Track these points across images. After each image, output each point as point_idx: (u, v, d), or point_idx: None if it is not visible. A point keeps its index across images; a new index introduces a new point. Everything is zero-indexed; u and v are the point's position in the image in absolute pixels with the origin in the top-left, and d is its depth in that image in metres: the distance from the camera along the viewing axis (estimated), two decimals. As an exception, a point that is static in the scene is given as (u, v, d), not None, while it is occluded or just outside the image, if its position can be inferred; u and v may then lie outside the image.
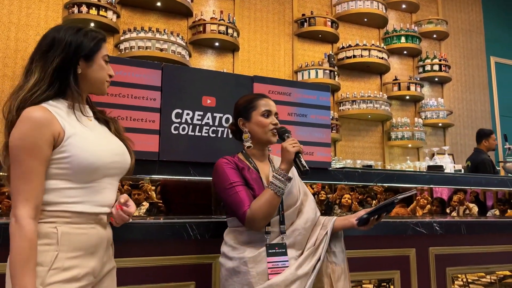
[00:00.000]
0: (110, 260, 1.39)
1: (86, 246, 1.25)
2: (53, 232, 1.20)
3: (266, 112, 1.71)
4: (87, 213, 1.26)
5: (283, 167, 1.54)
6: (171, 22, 5.72)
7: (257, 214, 1.53)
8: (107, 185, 1.32)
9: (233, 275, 1.59)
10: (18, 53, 4.84)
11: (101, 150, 1.29)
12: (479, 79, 8.21)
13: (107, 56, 1.37)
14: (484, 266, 2.60)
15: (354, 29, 7.07)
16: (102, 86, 1.38)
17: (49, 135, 1.20)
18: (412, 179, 2.99)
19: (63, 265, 1.20)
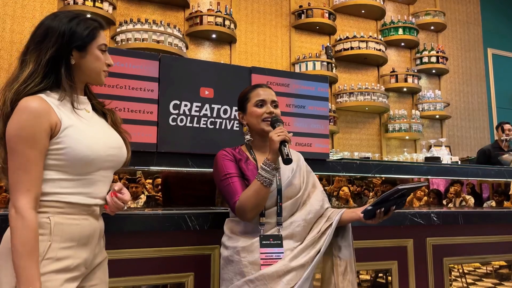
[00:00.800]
0: (102, 251, 1.39)
1: (79, 237, 1.25)
2: (46, 223, 1.20)
3: (259, 102, 1.70)
4: (80, 204, 1.26)
5: (269, 157, 1.52)
6: (168, 14, 5.68)
7: (246, 205, 1.53)
8: (101, 178, 1.32)
9: (228, 264, 1.61)
10: (14, 45, 4.80)
11: (97, 143, 1.27)
12: (476, 71, 8.22)
13: (103, 45, 1.34)
14: (480, 256, 2.62)
15: (352, 21, 7.04)
16: (98, 77, 1.35)
17: (47, 125, 1.19)
18: (410, 170, 3.00)
19: (56, 255, 1.20)
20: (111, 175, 1.38)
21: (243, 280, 1.54)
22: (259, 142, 1.74)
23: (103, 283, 1.37)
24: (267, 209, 1.61)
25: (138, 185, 2.46)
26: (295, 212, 1.67)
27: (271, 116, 1.67)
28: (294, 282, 1.52)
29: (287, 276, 1.52)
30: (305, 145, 2.41)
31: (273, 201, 1.62)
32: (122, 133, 1.43)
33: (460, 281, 2.85)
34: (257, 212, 1.57)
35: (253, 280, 1.52)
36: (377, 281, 2.49)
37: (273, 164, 1.52)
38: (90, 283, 1.32)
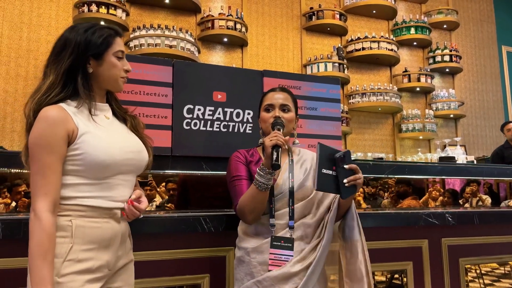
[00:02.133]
0: (127, 254, 1.41)
1: (100, 239, 1.28)
2: (68, 225, 1.24)
3: (267, 106, 1.73)
4: (100, 208, 1.29)
5: (264, 162, 1.52)
6: (180, 19, 5.75)
7: (243, 208, 1.57)
8: (121, 182, 1.34)
9: (239, 264, 1.63)
10: (31, 53, 4.91)
11: (113, 148, 1.30)
12: (490, 69, 8.11)
13: (120, 52, 1.37)
14: (497, 257, 2.59)
15: (363, 21, 7.02)
16: (116, 83, 1.39)
17: (64, 132, 1.24)
18: (424, 171, 2.98)
19: (77, 257, 1.23)
20: (132, 178, 1.41)
21: (252, 281, 1.56)
22: None
23: (128, 285, 1.40)
24: (277, 210, 1.61)
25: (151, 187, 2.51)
26: (307, 214, 1.66)
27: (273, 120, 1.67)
28: (300, 280, 1.53)
29: (294, 277, 1.53)
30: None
31: (284, 202, 1.62)
32: (143, 138, 1.46)
33: (477, 282, 2.81)
34: (255, 215, 1.58)
35: (261, 281, 1.54)
36: (393, 283, 2.48)
37: (267, 169, 1.51)
38: (114, 285, 1.35)
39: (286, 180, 1.64)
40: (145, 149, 1.44)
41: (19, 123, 4.77)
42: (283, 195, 1.62)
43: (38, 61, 4.92)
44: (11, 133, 4.73)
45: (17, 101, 4.78)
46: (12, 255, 1.58)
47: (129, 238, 1.46)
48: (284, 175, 1.66)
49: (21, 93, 4.80)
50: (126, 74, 1.41)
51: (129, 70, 1.41)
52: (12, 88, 4.78)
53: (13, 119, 4.75)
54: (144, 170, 1.45)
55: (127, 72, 1.41)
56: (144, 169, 1.44)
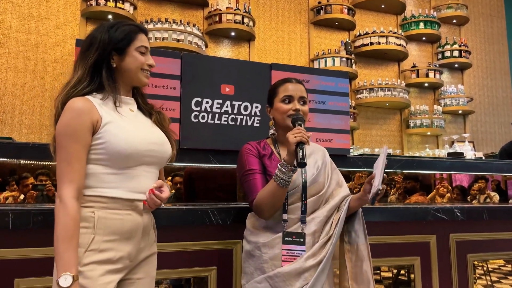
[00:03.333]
0: (150, 246, 1.43)
1: (121, 231, 1.30)
2: (91, 217, 1.27)
3: (285, 97, 1.67)
4: (121, 199, 1.31)
5: (286, 158, 1.49)
6: (187, 13, 5.74)
7: (262, 204, 1.54)
8: (143, 173, 1.37)
9: (249, 258, 1.62)
10: (39, 46, 4.93)
11: (135, 138, 1.33)
12: (500, 65, 8.02)
13: (143, 47, 1.41)
14: (506, 253, 2.57)
15: (371, 16, 6.97)
16: (137, 77, 1.42)
17: (89, 122, 1.29)
18: (432, 166, 2.96)
19: (99, 247, 1.26)
20: (155, 171, 1.43)
21: (262, 276, 1.56)
22: (283, 138, 1.70)
23: (149, 277, 1.42)
24: (290, 205, 1.61)
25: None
26: (317, 208, 1.66)
27: (293, 114, 1.64)
28: (311, 277, 1.53)
29: (305, 273, 1.53)
30: (325, 140, 2.41)
31: (297, 197, 1.61)
32: (168, 132, 1.49)
33: (484, 278, 2.80)
34: (274, 211, 1.57)
35: (272, 276, 1.54)
36: (399, 278, 2.47)
37: (290, 166, 1.49)
38: (136, 276, 1.37)
39: (299, 175, 1.63)
40: (168, 142, 1.47)
41: (28, 116, 4.80)
42: (296, 190, 1.61)
43: (46, 54, 4.94)
44: (19, 126, 4.76)
45: (26, 94, 4.81)
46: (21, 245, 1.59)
47: (154, 230, 1.48)
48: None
49: (30, 86, 4.83)
50: (149, 69, 1.44)
51: (153, 65, 1.45)
52: (20, 81, 4.81)
53: (22, 112, 4.78)
54: (167, 163, 1.48)
55: (150, 67, 1.44)
56: (167, 162, 1.47)
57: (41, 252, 1.58)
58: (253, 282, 1.57)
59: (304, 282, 1.52)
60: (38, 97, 4.84)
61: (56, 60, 4.95)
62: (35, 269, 1.58)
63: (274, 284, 1.53)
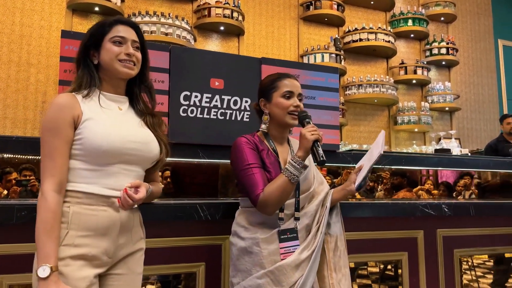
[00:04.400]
0: (134, 243, 1.42)
1: (96, 227, 1.30)
2: (66, 212, 1.28)
3: (287, 93, 1.65)
4: (97, 195, 1.31)
5: (300, 155, 1.49)
6: (176, 6, 5.67)
7: (270, 199, 1.52)
8: (123, 171, 1.36)
9: (244, 255, 1.61)
10: (24, 38, 4.82)
11: (113, 135, 1.33)
12: (486, 63, 8.11)
13: (117, 37, 1.40)
14: (491, 248, 2.61)
15: (360, 12, 6.98)
16: (113, 67, 1.40)
17: (70, 117, 1.31)
18: (420, 162, 2.98)
19: (73, 242, 1.27)
20: (138, 170, 1.41)
21: (263, 271, 1.55)
22: (277, 133, 1.70)
23: (133, 274, 1.41)
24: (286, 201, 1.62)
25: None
26: (306, 204, 1.70)
27: (299, 111, 1.63)
28: (306, 267, 1.58)
29: (302, 264, 1.57)
30: (315, 136, 2.40)
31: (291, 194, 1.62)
32: (159, 136, 1.48)
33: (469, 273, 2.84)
34: (279, 206, 1.57)
35: (273, 271, 1.55)
36: (386, 274, 2.49)
37: (303, 162, 1.49)
38: (116, 271, 1.37)
39: None
40: (156, 143, 1.45)
41: (12, 109, 4.70)
42: None
43: (31, 46, 4.83)
44: (3, 119, 4.66)
45: (10, 87, 4.70)
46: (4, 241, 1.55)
47: (140, 227, 1.48)
48: None
49: (14, 79, 4.72)
50: (128, 58, 1.41)
51: (130, 53, 1.42)
52: (4, 74, 4.70)
53: (6, 105, 4.67)
54: (156, 165, 1.48)
55: (129, 56, 1.41)
56: (153, 163, 1.46)
57: (25, 248, 1.55)
58: (252, 278, 1.56)
59: (301, 273, 1.56)
60: (22, 90, 4.74)
61: (41, 52, 4.85)
62: (19, 265, 1.55)
63: (275, 278, 1.54)
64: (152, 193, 1.49)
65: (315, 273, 1.62)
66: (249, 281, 1.57)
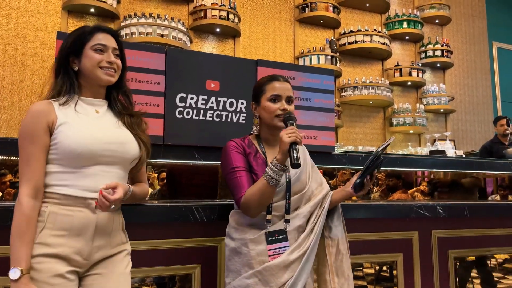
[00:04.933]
0: (114, 246, 1.42)
1: (70, 227, 1.33)
2: (43, 211, 1.33)
3: (273, 96, 1.65)
4: (73, 196, 1.34)
5: (278, 157, 1.49)
6: (172, 8, 5.67)
7: (250, 202, 1.54)
8: (100, 172, 1.38)
9: (234, 255, 1.62)
10: (19, 40, 4.81)
11: (87, 138, 1.36)
12: (481, 65, 8.17)
13: (99, 45, 1.44)
14: (485, 249, 2.62)
15: (356, 14, 7.01)
16: (94, 75, 1.43)
17: (44, 123, 1.35)
18: (415, 163, 3.00)
19: (46, 241, 1.31)
20: (117, 171, 1.42)
21: (251, 272, 1.56)
22: (268, 136, 1.72)
23: (114, 273, 1.40)
24: (274, 203, 1.62)
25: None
26: (300, 205, 1.68)
27: (285, 114, 1.63)
28: (297, 268, 1.57)
29: (292, 264, 1.56)
30: (310, 138, 2.41)
31: (281, 196, 1.62)
32: (137, 134, 1.49)
33: (464, 274, 2.85)
34: (261, 209, 1.57)
35: (261, 271, 1.55)
36: (381, 275, 2.50)
37: (281, 165, 1.49)
38: (95, 271, 1.38)
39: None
40: (134, 143, 1.46)
41: (7, 110, 4.68)
42: (281, 188, 1.62)
43: (26, 48, 4.82)
44: (-2, 121, 4.64)
45: (4, 89, 4.68)
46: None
47: (121, 232, 1.47)
48: None
49: (9, 80, 4.71)
50: (109, 66, 1.44)
51: (111, 61, 1.45)
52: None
53: (0, 107, 4.65)
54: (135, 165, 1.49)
55: (110, 64, 1.44)
56: (133, 163, 1.47)
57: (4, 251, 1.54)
58: (241, 278, 1.57)
59: (291, 273, 1.55)
60: (17, 92, 4.72)
61: (36, 53, 4.84)
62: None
63: (263, 278, 1.54)
64: (134, 194, 1.48)
65: (308, 274, 1.60)
66: (239, 281, 1.58)
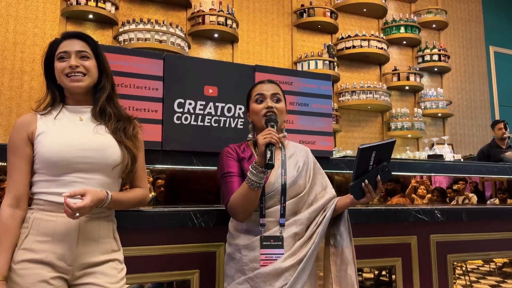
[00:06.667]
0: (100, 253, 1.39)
1: (54, 232, 1.34)
2: (28, 217, 1.36)
3: (257, 97, 1.67)
4: (55, 202, 1.36)
5: (257, 160, 1.48)
6: (170, 14, 5.70)
7: (235, 206, 1.54)
8: (79, 179, 1.37)
9: (230, 261, 1.63)
10: (17, 46, 4.82)
11: (62, 146, 1.37)
12: (478, 69, 8.20)
13: (61, 53, 1.43)
14: (484, 253, 2.62)
15: (353, 20, 7.04)
16: (63, 83, 1.44)
17: (25, 135, 1.39)
18: (413, 168, 3.00)
19: (30, 246, 1.32)
20: (96, 177, 1.40)
21: (243, 278, 1.56)
22: None
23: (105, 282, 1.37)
24: (268, 208, 1.59)
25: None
26: (298, 211, 1.65)
27: (267, 116, 1.62)
28: (291, 276, 1.53)
29: (285, 273, 1.53)
30: (308, 142, 2.42)
31: (275, 200, 1.60)
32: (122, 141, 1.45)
33: (463, 279, 2.85)
34: (248, 213, 1.55)
35: (252, 277, 1.54)
36: (380, 279, 2.50)
37: (260, 167, 1.47)
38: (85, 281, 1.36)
39: (278, 177, 1.62)
40: (114, 147, 1.43)
41: (5, 116, 4.68)
42: (274, 193, 1.60)
43: (24, 54, 4.83)
44: (-4, 127, 4.64)
45: (3, 95, 4.69)
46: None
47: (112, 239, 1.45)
48: (277, 171, 1.63)
49: (7, 87, 4.71)
50: (72, 70, 1.42)
51: (72, 65, 1.42)
52: (-3, 81, 4.69)
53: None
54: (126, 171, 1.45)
55: (72, 68, 1.42)
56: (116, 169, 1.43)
57: None
58: (234, 284, 1.57)
59: (284, 282, 1.52)
60: (15, 98, 4.73)
61: (35, 60, 4.85)
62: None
63: (254, 285, 1.53)
64: (119, 201, 1.43)
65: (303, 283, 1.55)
66: (232, 286, 1.57)
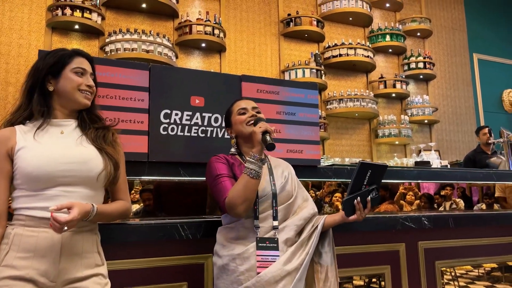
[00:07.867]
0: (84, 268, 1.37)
1: (35, 248, 1.31)
2: (9, 233, 1.34)
3: (240, 110, 1.77)
4: (37, 217, 1.33)
5: (254, 150, 1.57)
6: (157, 24, 5.69)
7: (235, 198, 1.54)
8: (62, 193, 1.36)
9: (223, 273, 1.61)
10: (2, 57, 4.77)
11: (42, 160, 1.35)
12: (462, 76, 8.34)
13: (79, 68, 1.46)
14: (472, 259, 2.64)
15: (340, 28, 7.12)
16: (73, 97, 1.44)
17: (4, 151, 1.37)
18: (401, 175, 3.02)
19: (12, 263, 1.29)
20: (79, 190, 1.39)
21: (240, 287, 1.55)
22: (247, 149, 1.76)
23: None
24: (262, 213, 1.63)
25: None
26: (287, 217, 1.70)
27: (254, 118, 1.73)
28: (289, 285, 1.55)
29: (283, 280, 1.55)
30: (296, 151, 2.42)
31: (267, 205, 1.64)
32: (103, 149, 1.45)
33: (452, 284, 2.86)
34: (248, 205, 1.56)
35: (250, 286, 1.53)
36: (371, 286, 2.50)
37: (258, 156, 1.55)
38: None
39: (268, 182, 1.67)
40: (97, 159, 1.43)
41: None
42: (266, 197, 1.64)
43: (9, 65, 4.77)
44: (-20, 139, 4.57)
45: (-13, 106, 4.62)
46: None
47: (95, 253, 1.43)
48: (265, 178, 1.68)
49: (-9, 98, 4.65)
50: (88, 89, 1.47)
51: (90, 85, 1.47)
52: (-19, 92, 4.62)
53: (-17, 125, 4.59)
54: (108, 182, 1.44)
55: (90, 88, 1.47)
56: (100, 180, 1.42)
57: None
58: None
59: None
60: (0, 109, 4.66)
61: (20, 71, 4.79)
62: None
63: None
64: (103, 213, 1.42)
65: None
66: None
